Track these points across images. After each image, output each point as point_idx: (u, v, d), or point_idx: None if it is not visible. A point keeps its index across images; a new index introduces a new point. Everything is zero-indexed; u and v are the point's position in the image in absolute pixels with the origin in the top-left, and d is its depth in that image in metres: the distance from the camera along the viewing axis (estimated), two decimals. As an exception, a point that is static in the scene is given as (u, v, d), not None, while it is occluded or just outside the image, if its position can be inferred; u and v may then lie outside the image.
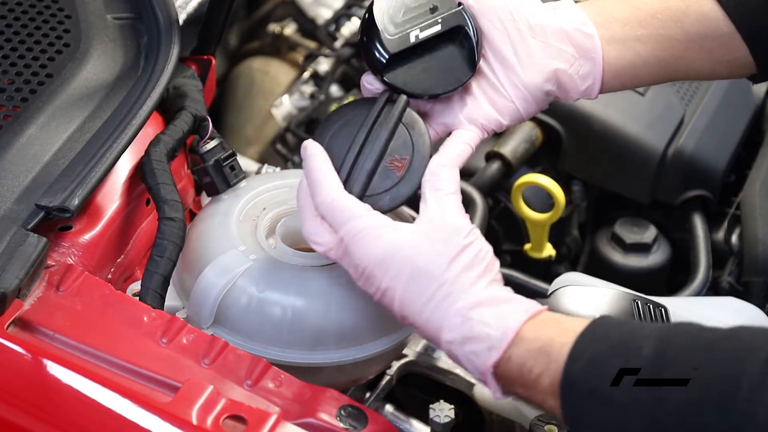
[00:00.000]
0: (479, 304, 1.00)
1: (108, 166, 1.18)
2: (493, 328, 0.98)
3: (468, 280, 1.01)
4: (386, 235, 1.03)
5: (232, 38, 2.17)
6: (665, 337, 0.91)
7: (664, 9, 1.14)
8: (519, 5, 1.14)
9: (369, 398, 1.34)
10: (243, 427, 1.00)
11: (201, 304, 1.15)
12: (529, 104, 1.14)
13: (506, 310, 0.99)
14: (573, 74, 1.13)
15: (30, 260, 1.07)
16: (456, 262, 1.02)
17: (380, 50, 1.11)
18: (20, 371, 1.05)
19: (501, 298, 1.01)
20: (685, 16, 1.14)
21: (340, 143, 1.09)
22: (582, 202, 1.65)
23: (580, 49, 1.13)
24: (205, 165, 1.28)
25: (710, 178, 1.58)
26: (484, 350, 0.98)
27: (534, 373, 0.95)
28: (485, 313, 0.99)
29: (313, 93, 1.86)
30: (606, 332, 0.94)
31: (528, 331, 0.97)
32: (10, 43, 1.30)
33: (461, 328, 1.00)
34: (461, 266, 1.02)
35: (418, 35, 1.11)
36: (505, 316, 0.99)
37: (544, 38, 1.13)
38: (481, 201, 1.49)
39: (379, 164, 1.08)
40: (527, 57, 1.12)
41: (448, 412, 1.18)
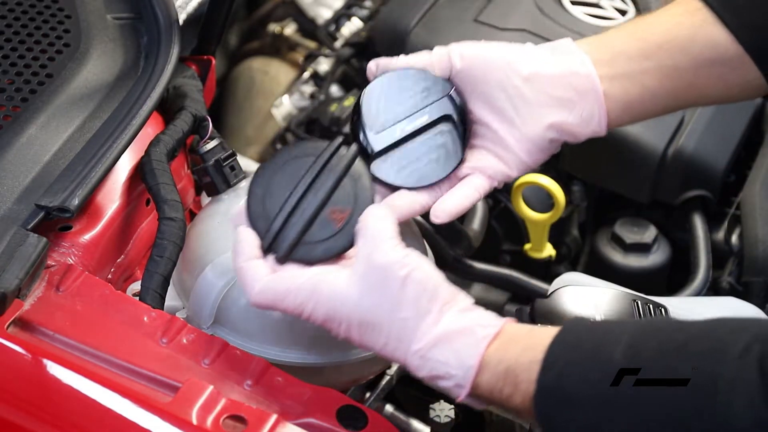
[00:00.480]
0: (435, 344, 0.98)
1: (108, 166, 1.18)
2: (454, 367, 0.97)
3: (416, 319, 0.99)
4: (324, 292, 1.01)
5: (232, 38, 2.17)
6: (636, 341, 0.90)
7: (670, 39, 1.13)
8: (513, 56, 1.13)
9: (369, 398, 1.33)
10: (243, 427, 1.00)
11: (201, 304, 1.15)
12: (534, 154, 1.13)
13: (463, 344, 0.97)
14: (575, 119, 1.12)
15: (30, 260, 1.07)
16: (399, 305, 0.99)
17: (368, 145, 1.12)
18: (20, 371, 1.05)
19: (456, 330, 0.98)
20: (692, 43, 1.13)
21: (284, 184, 1.08)
22: (582, 202, 1.65)
23: (579, 92, 1.12)
24: (205, 165, 1.28)
25: (710, 178, 1.57)
26: (452, 387, 0.98)
27: (504, 393, 0.95)
28: (443, 352, 0.97)
29: (313, 93, 1.86)
30: (577, 339, 0.93)
31: (492, 355, 0.96)
32: (10, 43, 1.30)
33: (424, 368, 0.98)
34: (406, 305, 0.99)
35: (404, 128, 1.13)
36: (463, 352, 0.97)
37: (541, 87, 1.12)
38: (481, 201, 1.49)
39: (319, 213, 1.08)
40: (526, 109, 1.12)
41: (448, 412, 1.18)
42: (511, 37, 1.64)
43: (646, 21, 1.16)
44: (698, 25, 1.13)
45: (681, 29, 1.14)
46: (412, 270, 1.00)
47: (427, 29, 1.66)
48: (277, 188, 1.08)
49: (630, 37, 1.14)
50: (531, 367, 0.93)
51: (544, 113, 1.12)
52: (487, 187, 1.14)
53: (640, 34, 1.14)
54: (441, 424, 1.19)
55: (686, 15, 1.14)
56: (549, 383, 0.92)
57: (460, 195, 1.12)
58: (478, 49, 1.14)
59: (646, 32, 1.14)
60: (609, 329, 0.94)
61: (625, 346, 0.90)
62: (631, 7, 1.73)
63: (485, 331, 0.97)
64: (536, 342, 0.95)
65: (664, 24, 1.15)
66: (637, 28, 1.15)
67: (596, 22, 1.69)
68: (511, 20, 1.66)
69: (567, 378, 0.91)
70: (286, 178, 1.08)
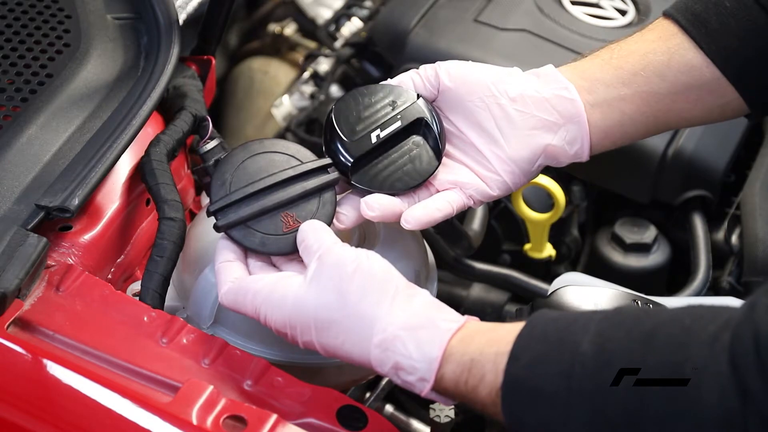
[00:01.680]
0: (397, 335, 0.97)
1: (108, 166, 1.18)
2: (417, 360, 0.96)
3: (372, 312, 0.98)
4: (278, 295, 1.02)
5: (232, 38, 2.17)
6: (603, 330, 0.89)
7: (646, 65, 1.14)
8: (499, 79, 1.14)
9: (369, 398, 1.34)
10: (243, 427, 1.00)
11: (201, 304, 1.15)
12: (517, 176, 1.14)
13: (426, 336, 0.96)
14: (559, 142, 1.13)
15: (30, 260, 1.07)
16: (350, 299, 0.98)
17: (344, 155, 1.13)
18: (20, 371, 1.05)
19: (418, 324, 0.97)
20: (668, 69, 1.14)
21: (260, 169, 1.11)
22: (582, 202, 1.65)
23: (564, 115, 1.13)
24: (205, 165, 1.28)
25: (710, 178, 1.57)
26: (416, 381, 0.97)
27: (470, 385, 0.95)
28: (405, 344, 0.96)
29: (313, 93, 1.86)
30: (543, 331, 0.93)
31: (456, 347, 0.96)
32: (10, 43, 1.30)
33: (387, 363, 0.97)
34: (358, 298, 0.98)
35: (379, 135, 1.13)
36: (425, 344, 0.96)
37: (527, 109, 1.13)
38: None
39: (275, 210, 1.09)
40: (511, 131, 1.13)
41: (448, 412, 1.18)
42: (511, 37, 1.64)
43: (622, 47, 1.17)
44: (674, 50, 1.14)
45: (656, 55, 1.15)
46: (360, 263, 1.00)
47: (427, 29, 1.66)
48: (253, 168, 1.11)
49: (606, 64, 1.15)
50: (497, 359, 0.92)
51: (529, 135, 1.13)
52: (462, 203, 1.14)
53: (616, 62, 1.15)
54: (441, 424, 1.19)
55: (661, 41, 1.15)
56: (516, 374, 0.91)
57: (433, 207, 1.13)
58: (465, 68, 1.16)
59: (622, 59, 1.15)
60: (576, 319, 0.93)
61: (592, 335, 0.89)
62: (631, 7, 1.73)
63: (448, 324, 0.97)
64: (501, 335, 0.94)
65: (640, 50, 1.15)
66: (613, 55, 1.16)
67: (596, 22, 1.69)
68: (511, 20, 1.66)
69: (534, 369, 0.90)
70: (266, 165, 1.11)
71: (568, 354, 0.89)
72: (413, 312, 0.98)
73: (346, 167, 1.13)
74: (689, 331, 0.85)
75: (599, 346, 0.88)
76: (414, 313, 0.98)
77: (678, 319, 0.87)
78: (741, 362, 0.81)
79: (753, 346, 0.81)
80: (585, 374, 0.87)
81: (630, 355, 0.86)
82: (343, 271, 1.00)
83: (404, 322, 0.97)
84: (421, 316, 0.98)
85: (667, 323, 0.87)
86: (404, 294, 0.99)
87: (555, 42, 1.64)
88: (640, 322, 0.89)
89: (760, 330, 0.81)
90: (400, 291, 1.00)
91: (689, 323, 0.86)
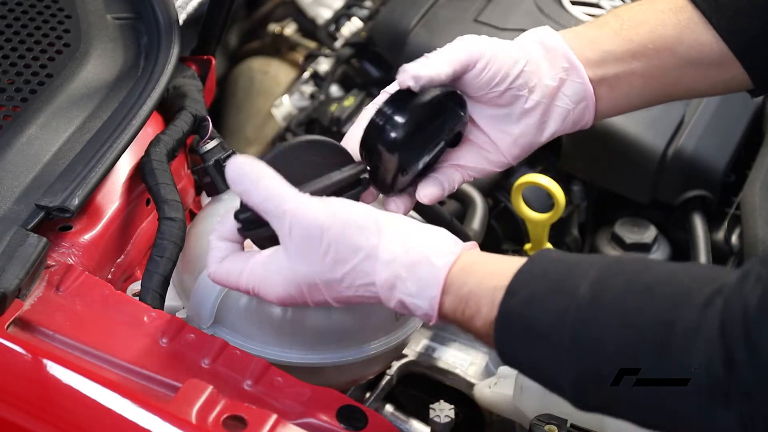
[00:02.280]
0: (396, 277, 0.97)
1: (108, 166, 1.18)
2: (418, 298, 0.97)
3: (368, 255, 0.98)
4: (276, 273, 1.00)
5: (232, 38, 2.17)
6: (603, 277, 0.90)
7: (656, 38, 1.13)
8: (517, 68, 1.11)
9: (369, 398, 1.34)
10: (243, 427, 1.00)
11: (201, 304, 1.15)
12: (519, 157, 1.15)
13: (424, 275, 0.97)
14: (567, 125, 1.14)
15: (30, 260, 1.07)
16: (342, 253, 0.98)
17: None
18: (20, 371, 1.05)
19: (414, 261, 0.97)
20: (679, 44, 1.13)
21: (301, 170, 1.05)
22: (582, 202, 1.65)
23: (573, 100, 1.13)
24: (205, 165, 1.28)
25: (710, 178, 1.57)
26: (421, 315, 0.98)
27: (466, 315, 0.96)
28: (406, 284, 0.97)
29: (313, 93, 1.86)
30: (544, 270, 0.93)
31: (455, 277, 0.96)
32: (10, 43, 1.30)
33: (392, 300, 0.98)
34: (350, 252, 0.98)
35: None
36: (424, 283, 0.97)
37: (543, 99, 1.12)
38: (481, 201, 1.49)
39: None
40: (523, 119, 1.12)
41: (448, 412, 1.18)
42: (511, 37, 1.64)
43: (631, 16, 1.15)
44: (684, 24, 1.14)
45: (667, 28, 1.14)
46: (335, 218, 0.98)
47: (427, 29, 1.66)
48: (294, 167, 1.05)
49: (616, 35, 1.14)
50: (494, 294, 0.93)
51: (540, 122, 1.12)
52: (463, 181, 1.15)
53: (626, 33, 1.14)
54: (441, 424, 1.19)
55: (671, 13, 1.14)
56: (511, 309, 0.92)
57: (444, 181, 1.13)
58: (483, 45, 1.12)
59: (632, 31, 1.14)
60: (577, 262, 0.93)
61: (591, 281, 0.89)
62: (631, 7, 1.73)
63: (444, 259, 0.97)
64: (502, 269, 0.95)
65: (650, 21, 1.14)
66: (623, 25, 1.15)
67: (596, 22, 1.69)
68: (511, 20, 1.66)
69: (529, 306, 0.91)
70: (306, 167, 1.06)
71: (565, 296, 0.89)
72: (408, 246, 0.98)
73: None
74: (686, 291, 0.86)
75: (597, 293, 0.88)
76: (409, 248, 0.98)
77: (677, 277, 0.88)
78: (729, 332, 0.82)
79: (741, 318, 0.82)
80: (579, 318, 0.88)
81: (625, 306, 0.87)
82: (325, 234, 0.98)
83: (401, 259, 0.97)
84: (416, 253, 0.97)
85: (666, 281, 0.88)
86: (390, 227, 0.99)
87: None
88: (639, 275, 0.89)
89: (749, 303, 0.82)
90: (385, 227, 0.99)
91: (687, 283, 0.87)
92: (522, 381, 1.19)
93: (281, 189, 1.00)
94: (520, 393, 1.19)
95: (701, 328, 0.83)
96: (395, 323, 1.17)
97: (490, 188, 1.58)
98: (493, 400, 1.26)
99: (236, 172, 1.00)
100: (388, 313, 1.16)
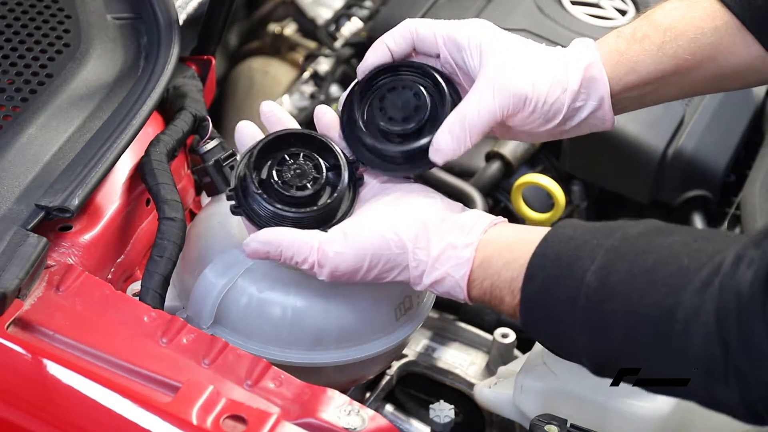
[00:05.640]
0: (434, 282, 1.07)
1: (108, 166, 1.18)
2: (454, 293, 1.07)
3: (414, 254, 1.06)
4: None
5: (232, 38, 2.17)
6: (609, 262, 0.95)
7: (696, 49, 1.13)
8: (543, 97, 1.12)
9: (369, 398, 1.34)
10: (243, 427, 1.00)
11: (201, 304, 1.15)
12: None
13: (449, 285, 1.06)
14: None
15: (30, 260, 1.07)
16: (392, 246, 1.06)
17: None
18: (20, 371, 1.05)
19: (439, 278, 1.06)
20: (718, 52, 1.13)
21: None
22: (582, 202, 1.65)
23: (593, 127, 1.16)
24: (205, 165, 1.28)
25: (710, 178, 1.57)
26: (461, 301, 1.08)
27: (493, 303, 1.05)
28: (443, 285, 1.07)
29: (313, 93, 1.86)
30: (557, 252, 0.99)
31: (476, 272, 1.05)
32: (10, 43, 1.30)
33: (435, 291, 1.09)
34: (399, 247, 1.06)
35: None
36: (452, 290, 1.07)
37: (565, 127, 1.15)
38: (481, 201, 1.50)
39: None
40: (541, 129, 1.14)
41: (448, 412, 1.18)
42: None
43: (670, 25, 1.13)
44: (723, 30, 1.13)
45: (707, 36, 1.13)
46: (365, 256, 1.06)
47: (427, 29, 1.66)
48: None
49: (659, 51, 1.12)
50: (513, 285, 1.02)
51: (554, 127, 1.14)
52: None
53: (667, 48, 1.12)
54: (441, 424, 1.19)
55: (709, 19, 1.13)
56: (531, 296, 1.00)
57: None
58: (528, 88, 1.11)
59: (673, 43, 1.12)
60: (585, 242, 0.98)
61: (598, 266, 0.95)
62: (631, 7, 1.73)
63: (461, 270, 1.05)
64: (516, 256, 1.02)
65: (690, 31, 1.13)
66: (664, 38, 1.13)
67: (596, 22, 1.69)
68: (510, 20, 1.66)
69: (545, 293, 0.99)
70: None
71: (575, 281, 0.96)
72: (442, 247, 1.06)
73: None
74: (685, 273, 0.90)
75: (603, 278, 0.94)
76: (442, 249, 1.06)
77: (677, 257, 0.92)
78: (724, 316, 0.86)
79: (735, 303, 0.86)
80: (589, 305, 0.95)
81: (629, 290, 0.93)
82: (359, 272, 1.07)
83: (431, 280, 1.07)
84: (438, 270, 1.06)
85: (667, 261, 0.92)
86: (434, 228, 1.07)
87: (555, 42, 1.63)
88: (643, 256, 0.94)
89: (742, 289, 0.85)
90: (431, 226, 1.07)
91: (686, 263, 0.91)
92: (522, 381, 1.19)
93: (305, 236, 1.07)
94: (520, 393, 1.19)
95: (699, 313, 0.88)
96: (395, 323, 1.17)
97: (490, 188, 1.58)
98: (493, 400, 1.26)
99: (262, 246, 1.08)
100: (388, 313, 1.16)
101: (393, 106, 1.13)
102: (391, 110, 1.13)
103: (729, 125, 1.64)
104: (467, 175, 1.58)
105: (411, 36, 1.16)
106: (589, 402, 1.15)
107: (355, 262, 1.06)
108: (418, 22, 1.17)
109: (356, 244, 1.06)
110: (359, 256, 1.06)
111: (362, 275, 1.07)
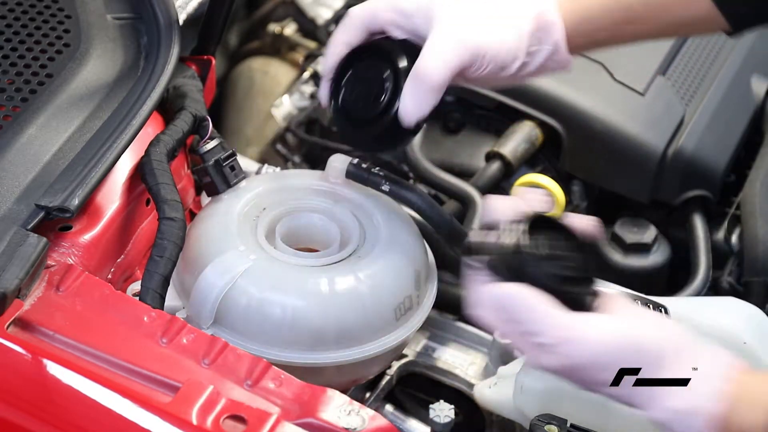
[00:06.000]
0: (671, 419, 0.96)
1: (108, 166, 1.18)
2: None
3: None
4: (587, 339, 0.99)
5: (232, 38, 2.17)
6: None
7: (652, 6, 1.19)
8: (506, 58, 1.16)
9: (369, 398, 1.33)
10: (243, 427, 1.00)
11: (201, 304, 1.15)
12: None
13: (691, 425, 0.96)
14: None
15: (30, 260, 1.07)
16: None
17: None
18: (20, 371, 1.05)
19: (683, 410, 0.96)
20: (673, 4, 1.18)
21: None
22: (582, 202, 1.65)
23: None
24: (205, 165, 1.28)
25: (710, 178, 1.57)
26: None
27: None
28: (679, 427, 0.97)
29: (313, 93, 1.86)
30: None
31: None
32: (10, 43, 1.30)
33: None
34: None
35: None
36: (693, 406, 0.95)
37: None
38: (481, 201, 1.49)
39: None
40: None
41: (448, 412, 1.18)
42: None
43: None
44: None
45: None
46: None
47: (427, 29, 1.66)
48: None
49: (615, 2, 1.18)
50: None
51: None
52: None
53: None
54: (441, 424, 1.19)
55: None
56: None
57: None
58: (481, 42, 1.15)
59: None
60: None
61: None
62: None
63: (713, 390, 0.95)
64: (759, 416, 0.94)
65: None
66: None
67: None
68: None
69: None
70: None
71: None
72: (677, 397, 0.96)
73: None
74: None
75: None
76: (688, 398, 0.96)
77: None
78: None
79: None
80: None
81: None
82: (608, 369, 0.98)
83: (673, 409, 0.96)
84: (685, 402, 0.96)
85: None
86: (678, 364, 0.97)
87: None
88: None
89: None
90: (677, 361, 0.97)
91: None
92: (522, 381, 1.19)
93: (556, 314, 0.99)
94: (520, 393, 1.19)
95: None
96: (395, 323, 1.17)
97: (490, 188, 1.58)
98: (493, 400, 1.26)
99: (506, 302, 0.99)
100: (388, 313, 1.16)
101: (361, 95, 1.18)
102: (363, 99, 1.18)
103: (729, 125, 1.64)
104: (467, 175, 1.57)
105: (361, 22, 1.17)
106: (589, 402, 1.15)
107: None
108: (360, 8, 1.18)
109: None
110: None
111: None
